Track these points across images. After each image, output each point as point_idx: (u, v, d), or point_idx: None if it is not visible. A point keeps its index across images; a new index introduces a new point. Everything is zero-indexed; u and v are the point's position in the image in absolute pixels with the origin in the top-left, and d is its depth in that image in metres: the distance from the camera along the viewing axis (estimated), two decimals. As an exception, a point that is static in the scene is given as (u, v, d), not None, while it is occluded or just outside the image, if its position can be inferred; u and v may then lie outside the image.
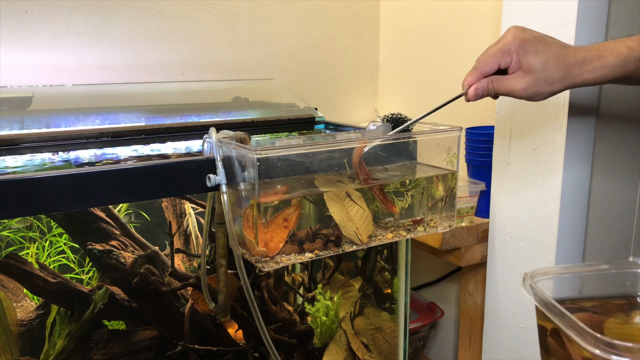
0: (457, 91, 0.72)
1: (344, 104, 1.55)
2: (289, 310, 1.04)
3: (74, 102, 1.03)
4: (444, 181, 0.81)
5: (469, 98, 0.68)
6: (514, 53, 0.63)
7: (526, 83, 0.64)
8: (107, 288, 0.93)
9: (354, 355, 1.04)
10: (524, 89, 0.65)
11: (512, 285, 1.02)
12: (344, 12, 1.48)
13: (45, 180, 0.61)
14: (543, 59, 0.63)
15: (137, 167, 0.67)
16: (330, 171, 0.74)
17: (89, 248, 0.94)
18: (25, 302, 0.95)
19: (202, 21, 1.27)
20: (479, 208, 1.11)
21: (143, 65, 1.21)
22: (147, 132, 0.92)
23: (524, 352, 1.01)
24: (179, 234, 1.10)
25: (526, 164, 0.96)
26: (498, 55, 0.64)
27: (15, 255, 0.89)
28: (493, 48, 0.65)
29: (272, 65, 1.39)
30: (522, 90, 0.65)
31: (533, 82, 0.64)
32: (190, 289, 0.98)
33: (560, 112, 0.89)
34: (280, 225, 0.69)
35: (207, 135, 0.72)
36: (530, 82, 0.64)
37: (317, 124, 1.10)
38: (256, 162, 0.64)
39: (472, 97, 0.68)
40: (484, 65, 0.66)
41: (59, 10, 1.10)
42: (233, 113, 1.05)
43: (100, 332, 0.93)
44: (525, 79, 0.64)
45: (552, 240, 0.93)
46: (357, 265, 1.13)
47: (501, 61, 0.65)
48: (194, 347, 0.95)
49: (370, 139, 0.74)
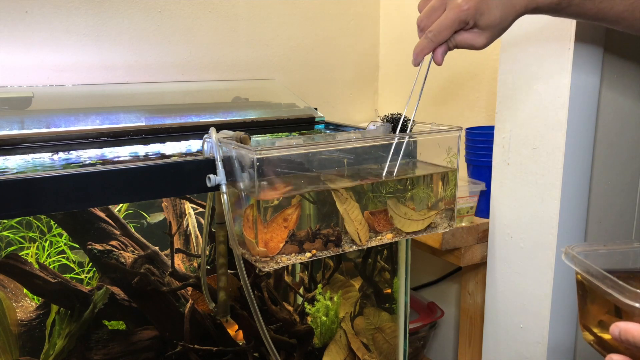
0: (457, 91, 0.72)
1: (344, 104, 1.55)
2: (289, 310, 1.04)
3: (74, 102, 1.03)
4: (444, 180, 0.81)
5: (439, 63, 0.68)
6: (471, 18, 0.63)
7: (485, 39, 0.66)
8: (107, 288, 0.93)
9: (354, 355, 1.04)
10: (485, 44, 0.66)
11: (512, 285, 1.02)
12: (344, 12, 1.48)
13: (45, 180, 0.61)
14: (497, 14, 0.64)
15: (137, 167, 0.67)
16: (331, 171, 0.74)
17: (89, 248, 0.94)
18: (25, 302, 0.95)
19: (202, 21, 1.27)
20: (479, 208, 1.11)
21: (143, 65, 1.21)
22: (147, 132, 0.92)
23: (524, 352, 1.01)
24: (179, 234, 1.10)
25: (526, 164, 0.96)
26: (455, 25, 0.64)
27: (15, 255, 0.89)
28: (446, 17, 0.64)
29: (272, 65, 1.39)
30: (484, 45, 0.66)
31: (492, 36, 0.66)
32: (190, 289, 0.98)
33: (560, 112, 0.89)
34: (280, 225, 0.69)
35: (207, 135, 0.72)
36: (489, 37, 0.66)
37: (317, 124, 1.10)
38: (256, 162, 0.64)
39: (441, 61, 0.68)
40: (441, 37, 0.65)
41: (59, 10, 1.10)
42: (233, 113, 1.05)
43: (100, 332, 0.93)
44: (484, 34, 0.65)
45: (552, 240, 0.93)
46: (357, 265, 1.13)
47: (457, 29, 0.65)
48: (194, 347, 0.95)
49: (370, 139, 0.74)
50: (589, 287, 0.56)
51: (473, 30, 0.65)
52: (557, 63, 0.88)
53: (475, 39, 0.66)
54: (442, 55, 0.67)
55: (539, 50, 0.91)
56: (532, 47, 0.92)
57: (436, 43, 0.66)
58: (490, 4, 0.63)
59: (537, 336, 0.98)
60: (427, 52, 0.67)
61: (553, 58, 0.89)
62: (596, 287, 0.53)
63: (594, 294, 0.56)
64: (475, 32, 0.65)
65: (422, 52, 0.67)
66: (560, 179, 0.91)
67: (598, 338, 0.56)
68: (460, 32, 0.66)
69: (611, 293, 0.51)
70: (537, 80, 0.92)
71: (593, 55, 0.88)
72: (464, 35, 0.66)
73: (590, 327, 0.57)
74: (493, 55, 1.18)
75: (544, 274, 0.95)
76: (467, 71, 1.26)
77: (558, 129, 0.89)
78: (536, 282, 0.97)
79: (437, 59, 0.67)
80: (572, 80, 0.87)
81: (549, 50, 0.89)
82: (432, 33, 0.65)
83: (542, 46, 0.90)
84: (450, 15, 0.63)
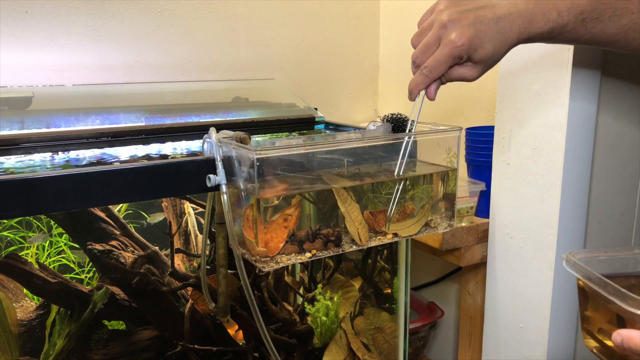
0: (456, 91, 0.72)
1: (344, 104, 1.55)
2: (289, 310, 1.04)
3: (74, 102, 1.03)
4: (444, 180, 0.81)
5: (432, 98, 0.70)
6: (465, 54, 0.64)
7: (478, 72, 0.66)
8: (107, 288, 0.93)
9: (354, 355, 1.04)
10: (477, 76, 0.67)
11: (512, 285, 1.02)
12: (344, 12, 1.48)
13: (45, 180, 0.61)
14: (490, 48, 0.64)
15: (137, 167, 0.67)
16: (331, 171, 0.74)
17: (89, 248, 0.94)
18: (25, 302, 0.95)
19: (202, 21, 1.27)
20: (479, 208, 1.11)
21: (143, 65, 1.21)
22: (147, 132, 0.92)
23: (524, 352, 1.01)
24: (179, 234, 1.10)
25: (526, 164, 0.96)
26: (450, 61, 0.65)
27: (15, 255, 0.89)
28: (440, 54, 0.65)
29: (272, 65, 1.39)
30: (475, 78, 0.67)
31: (485, 68, 0.67)
32: (190, 289, 0.98)
33: (560, 112, 0.89)
34: (280, 225, 0.69)
35: (207, 135, 0.72)
36: (482, 69, 0.67)
37: (317, 124, 1.10)
38: (256, 162, 0.64)
39: (434, 96, 0.69)
40: (436, 73, 0.66)
41: (59, 10, 1.10)
42: (233, 113, 1.05)
43: (100, 332, 0.93)
44: (477, 68, 0.66)
45: (552, 240, 0.93)
46: (357, 265, 1.13)
47: (452, 64, 0.65)
48: (194, 347, 0.95)
49: (370, 139, 0.74)
50: (591, 294, 0.55)
51: (466, 64, 0.66)
52: (557, 63, 0.88)
53: (468, 72, 0.66)
54: (435, 90, 0.68)
55: (539, 49, 0.91)
56: (531, 46, 0.92)
57: (431, 79, 0.67)
58: (483, 39, 0.63)
59: (537, 336, 0.98)
60: (422, 87, 0.68)
61: (553, 57, 0.89)
62: (598, 294, 0.53)
63: (595, 301, 0.55)
64: (469, 66, 0.66)
65: (417, 88, 0.68)
66: (560, 179, 0.91)
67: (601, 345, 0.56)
68: (454, 66, 0.66)
69: (613, 300, 0.50)
70: (537, 80, 0.92)
71: (593, 53, 0.88)
72: (458, 70, 0.66)
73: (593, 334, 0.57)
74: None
75: (544, 274, 0.95)
76: (467, 71, 1.26)
77: (558, 129, 0.89)
78: (536, 282, 0.97)
79: (431, 94, 0.69)
80: (572, 80, 0.87)
81: (548, 48, 0.89)
82: (427, 69, 0.66)
83: (541, 45, 0.90)
84: (444, 51, 0.64)
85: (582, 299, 0.59)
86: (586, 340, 0.58)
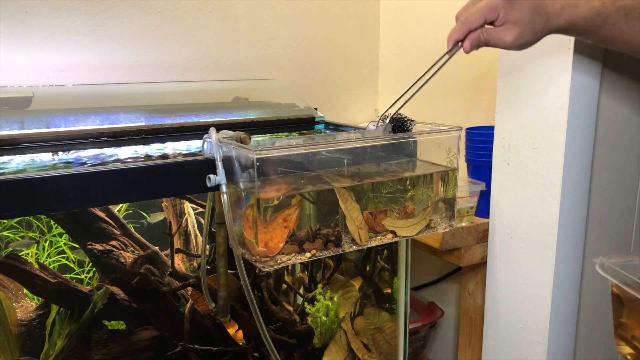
0: (457, 91, 0.72)
1: (344, 104, 1.54)
2: (289, 310, 1.04)
3: (74, 102, 1.03)
4: (444, 180, 0.81)
5: (466, 50, 0.72)
6: (502, 9, 0.67)
7: (515, 35, 0.68)
8: (107, 288, 0.93)
9: (354, 355, 1.04)
10: (514, 40, 0.69)
11: (512, 285, 1.02)
12: (344, 12, 1.48)
13: (45, 180, 0.61)
14: (528, 12, 0.67)
15: (137, 167, 0.67)
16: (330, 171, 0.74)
17: (89, 248, 0.94)
18: (25, 302, 0.95)
19: (202, 21, 1.27)
20: (479, 208, 1.11)
21: (143, 65, 1.21)
22: (147, 132, 0.92)
23: (524, 352, 1.01)
24: (179, 234, 1.10)
25: (526, 164, 0.96)
26: (485, 11, 0.67)
27: (15, 255, 0.89)
28: (479, 4, 0.68)
29: (272, 65, 1.39)
30: (513, 41, 0.69)
31: (521, 33, 0.68)
32: (190, 289, 0.98)
33: (560, 112, 0.89)
34: (280, 225, 0.69)
35: (207, 135, 0.72)
36: (519, 34, 0.68)
37: (317, 124, 1.10)
38: (256, 162, 0.64)
39: (469, 49, 0.71)
40: (472, 21, 0.69)
41: (59, 10, 1.10)
42: (233, 113, 1.05)
43: (100, 332, 0.93)
44: (514, 31, 0.68)
45: (552, 240, 0.93)
46: (357, 265, 1.13)
47: (488, 17, 0.68)
48: (194, 347, 0.95)
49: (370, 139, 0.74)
50: (627, 299, 0.55)
51: (505, 26, 0.68)
52: (557, 63, 0.88)
53: (505, 34, 0.68)
54: (471, 45, 0.70)
55: (539, 51, 0.91)
56: (532, 47, 0.92)
57: (467, 26, 0.69)
58: (522, 2, 0.66)
59: (537, 336, 0.98)
60: (458, 36, 0.70)
61: (553, 58, 0.89)
62: (635, 299, 0.52)
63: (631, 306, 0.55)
64: (505, 27, 0.68)
65: (452, 36, 0.71)
66: (560, 179, 0.91)
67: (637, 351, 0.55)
68: (493, 28, 0.69)
69: None
70: (537, 81, 0.92)
71: (593, 56, 0.88)
72: (496, 31, 0.69)
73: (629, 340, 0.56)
74: (493, 55, 1.18)
75: (544, 274, 0.95)
76: (467, 71, 1.26)
77: (558, 129, 0.90)
78: (536, 282, 0.97)
79: (466, 47, 0.71)
80: (572, 81, 0.87)
81: (549, 50, 0.89)
82: (464, 17, 0.69)
83: (542, 47, 0.90)
84: (482, 3, 0.68)
85: (616, 305, 0.57)
86: (620, 347, 0.57)
